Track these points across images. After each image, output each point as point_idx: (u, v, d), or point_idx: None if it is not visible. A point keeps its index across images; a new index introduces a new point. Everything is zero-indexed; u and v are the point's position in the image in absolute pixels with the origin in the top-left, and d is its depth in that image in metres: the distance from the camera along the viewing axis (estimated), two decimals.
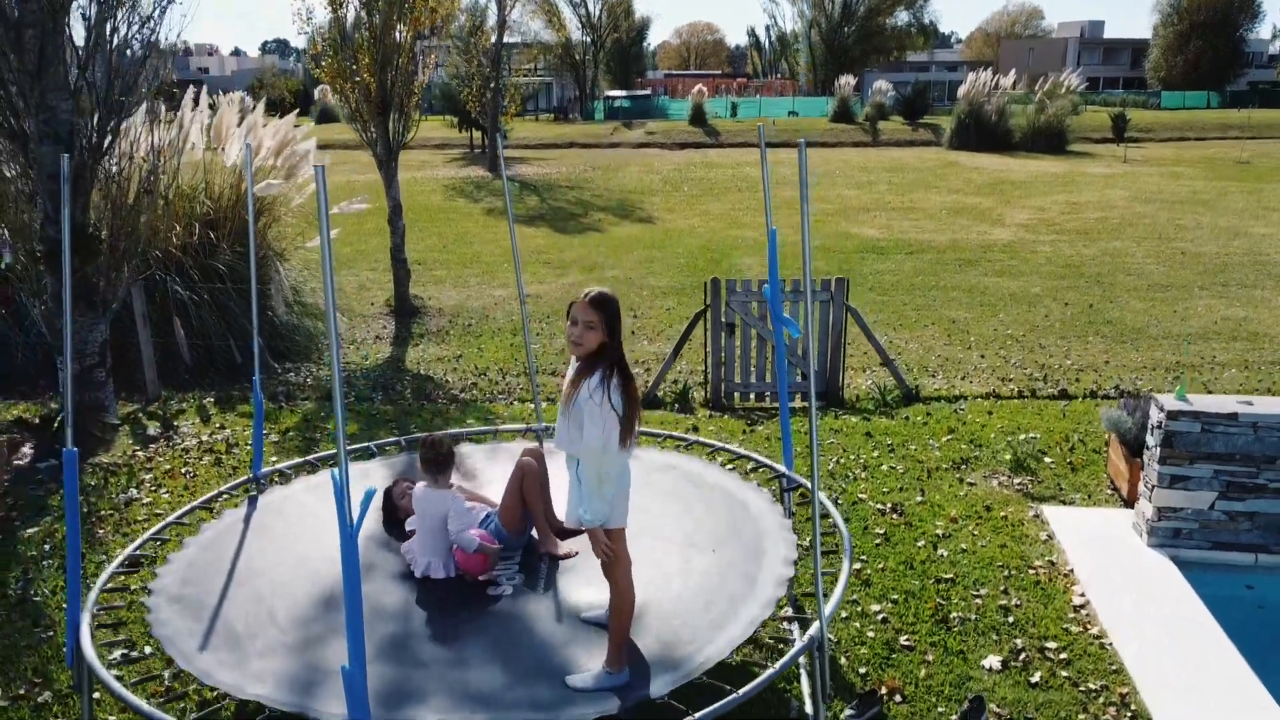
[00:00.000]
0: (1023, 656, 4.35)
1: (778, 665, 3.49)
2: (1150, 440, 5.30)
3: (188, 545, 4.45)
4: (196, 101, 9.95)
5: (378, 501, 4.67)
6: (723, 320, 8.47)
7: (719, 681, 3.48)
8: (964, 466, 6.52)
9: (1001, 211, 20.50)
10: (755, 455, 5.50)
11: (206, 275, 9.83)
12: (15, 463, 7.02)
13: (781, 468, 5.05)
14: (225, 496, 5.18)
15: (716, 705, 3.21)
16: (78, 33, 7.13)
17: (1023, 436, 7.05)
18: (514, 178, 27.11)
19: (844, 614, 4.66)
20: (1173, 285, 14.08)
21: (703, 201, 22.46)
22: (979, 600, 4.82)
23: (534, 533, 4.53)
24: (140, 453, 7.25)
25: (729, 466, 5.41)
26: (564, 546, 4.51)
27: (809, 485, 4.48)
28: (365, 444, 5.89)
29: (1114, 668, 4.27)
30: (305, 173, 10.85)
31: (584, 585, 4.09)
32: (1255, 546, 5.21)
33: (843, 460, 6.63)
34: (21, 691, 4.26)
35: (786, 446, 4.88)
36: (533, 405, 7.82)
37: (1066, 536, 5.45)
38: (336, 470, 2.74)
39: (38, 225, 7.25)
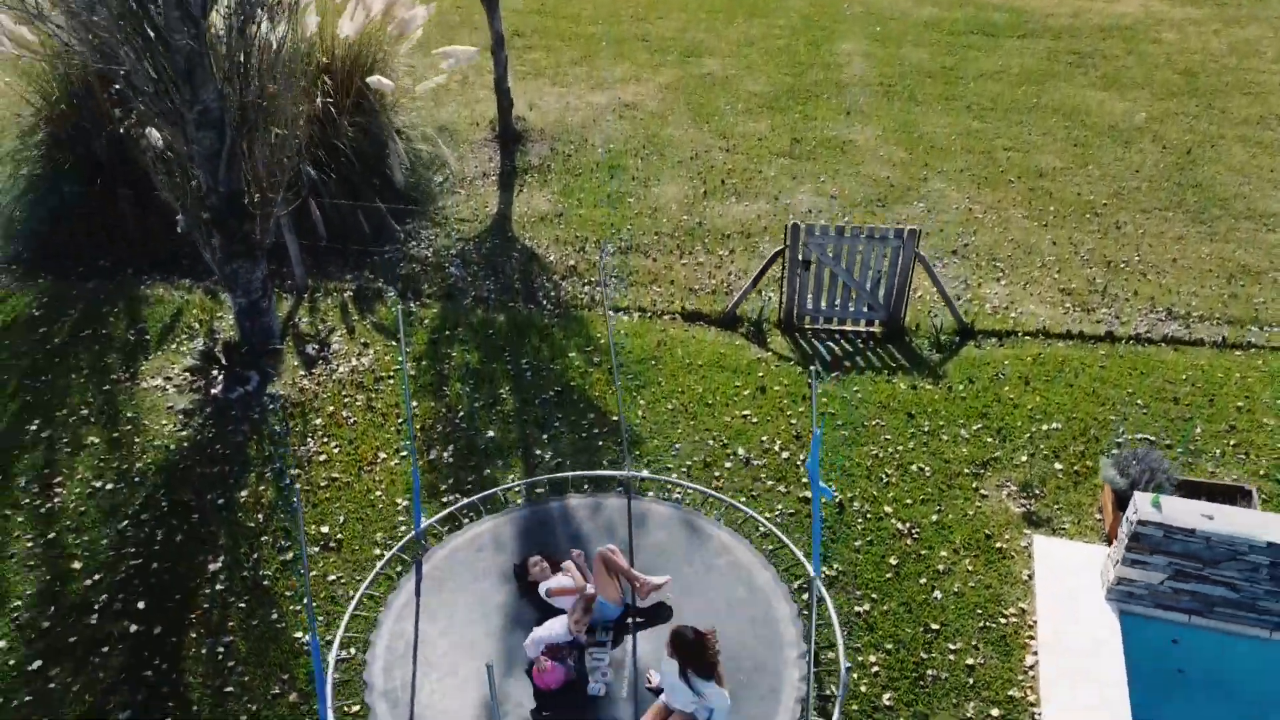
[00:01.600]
0: None
1: None
2: (1123, 529, 6.50)
3: (380, 624, 6.01)
4: None
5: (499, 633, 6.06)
6: (800, 258, 9.32)
7: None
8: (984, 471, 7.77)
9: None
10: (786, 541, 6.73)
11: (332, 154, 10.80)
12: (211, 392, 8.77)
13: (809, 567, 6.37)
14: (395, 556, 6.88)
15: None
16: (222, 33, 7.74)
17: (1045, 428, 8.15)
18: None
19: (849, 664, 6.32)
20: None
21: None
22: (953, 655, 6.41)
23: (631, 594, 6.09)
24: (306, 381, 8.89)
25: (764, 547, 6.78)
26: (656, 579, 6.08)
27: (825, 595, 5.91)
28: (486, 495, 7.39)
29: None
30: (413, 27, 11.30)
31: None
32: (1189, 610, 6.57)
33: (881, 456, 7.92)
34: (276, 690, 6.32)
35: (816, 548, 6.23)
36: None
37: (1044, 579, 6.85)
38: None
39: (202, 193, 8.36)
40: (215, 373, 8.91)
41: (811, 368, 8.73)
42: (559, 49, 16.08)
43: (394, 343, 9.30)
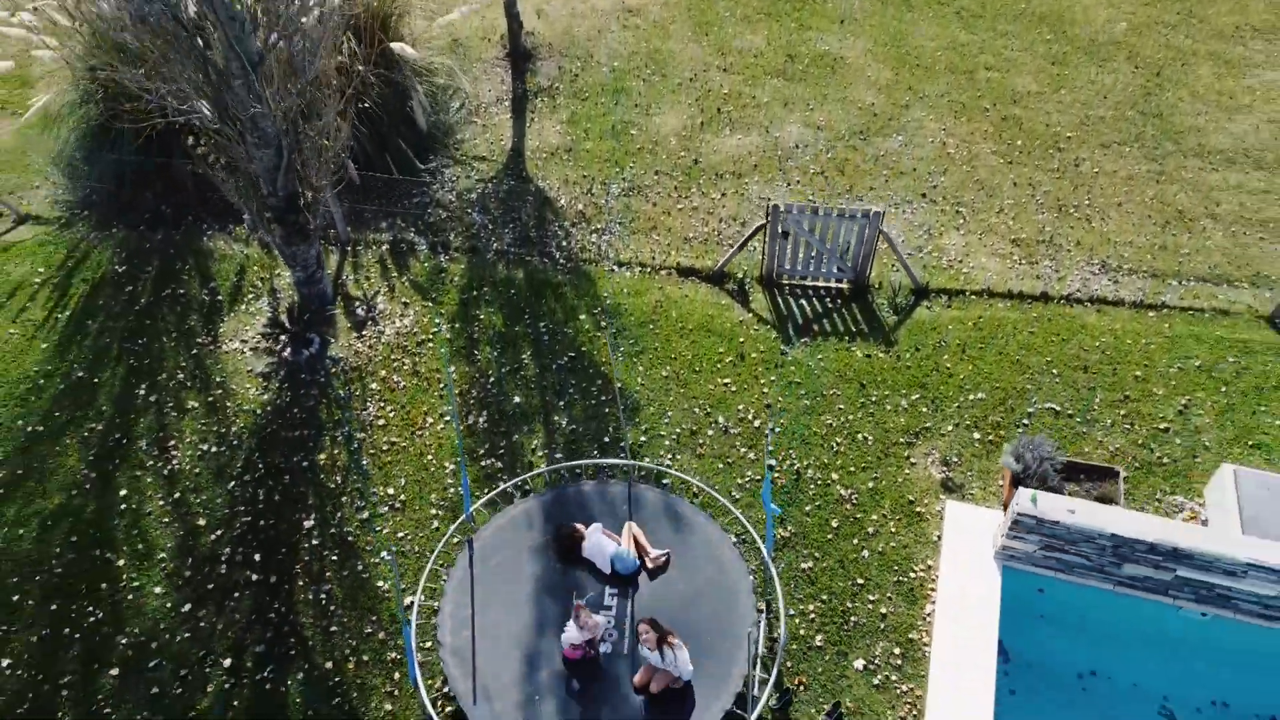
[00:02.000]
0: (876, 660, 8.23)
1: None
2: (1010, 512, 8.45)
3: (446, 592, 8.10)
4: None
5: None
6: (779, 230, 10.77)
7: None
8: (916, 440, 9.62)
9: None
10: (747, 525, 8.73)
11: (356, 101, 11.94)
12: (281, 354, 10.55)
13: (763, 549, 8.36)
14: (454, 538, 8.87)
15: None
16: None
17: (971, 398, 9.93)
18: None
19: (792, 611, 8.47)
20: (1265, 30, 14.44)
21: None
22: (871, 605, 8.55)
23: (644, 559, 8.16)
24: (359, 344, 10.63)
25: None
26: (657, 552, 8.14)
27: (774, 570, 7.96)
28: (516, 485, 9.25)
29: (922, 673, 8.15)
30: None
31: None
32: (1055, 569, 8.65)
33: (834, 425, 9.75)
34: (369, 629, 8.52)
35: (769, 536, 8.17)
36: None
37: (949, 540, 8.88)
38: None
39: (265, 194, 9.78)
40: (282, 336, 10.63)
41: (770, 428, 10.41)
42: None
43: (430, 302, 10.93)
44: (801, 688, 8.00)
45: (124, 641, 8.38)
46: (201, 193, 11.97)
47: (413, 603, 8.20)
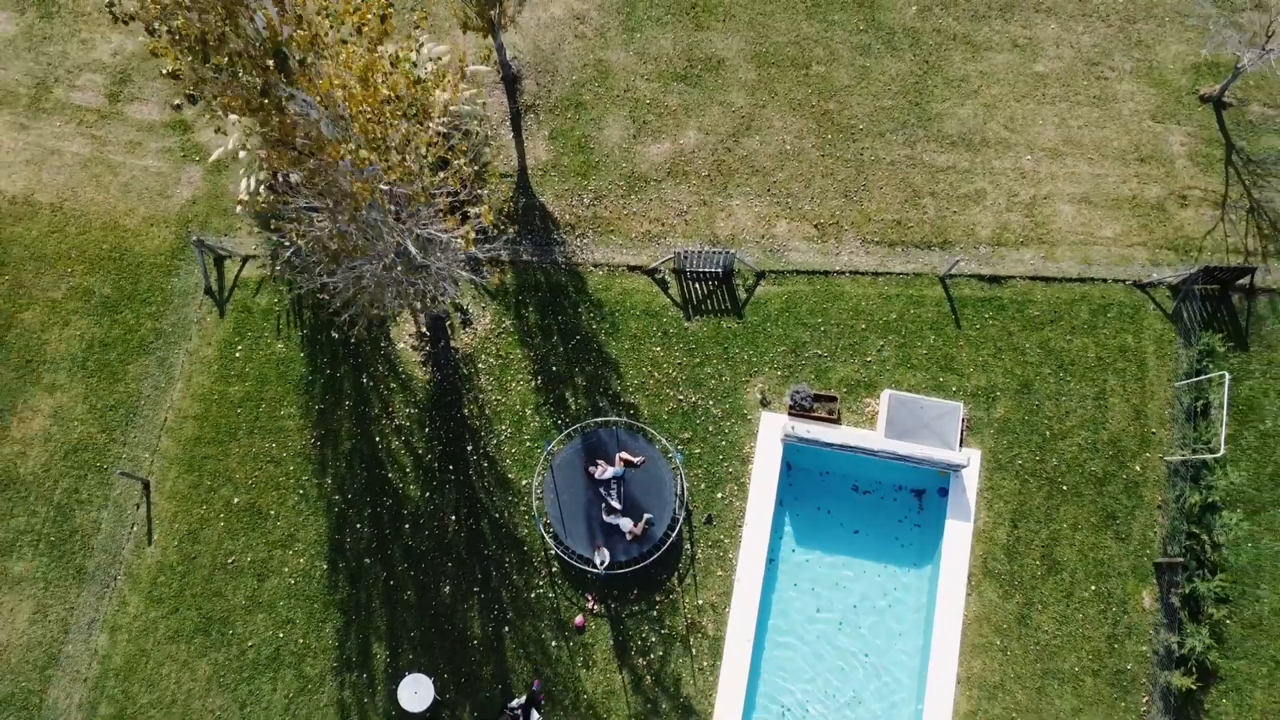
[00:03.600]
0: (729, 492, 19.63)
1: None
2: (786, 423, 19.35)
3: (543, 480, 19.11)
4: None
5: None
6: (680, 257, 20.10)
7: None
8: (750, 379, 20.09)
9: None
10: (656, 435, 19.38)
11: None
12: (427, 350, 20.44)
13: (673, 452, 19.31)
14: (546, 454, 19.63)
15: None
16: None
17: (783, 349, 20.17)
18: None
19: (688, 479, 19.70)
20: None
21: None
22: (725, 468, 19.74)
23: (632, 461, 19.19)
24: (466, 337, 20.43)
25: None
26: (638, 459, 19.15)
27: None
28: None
29: (747, 491, 19.68)
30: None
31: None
32: (803, 444, 19.80)
33: (710, 371, 20.11)
34: (507, 510, 19.83)
35: (679, 454, 19.00)
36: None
37: (762, 433, 19.83)
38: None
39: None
40: (425, 341, 20.37)
41: (674, 450, 20.29)
42: None
43: (497, 305, 20.43)
44: (710, 520, 19.54)
45: (405, 511, 19.63)
46: None
47: (530, 484, 19.39)
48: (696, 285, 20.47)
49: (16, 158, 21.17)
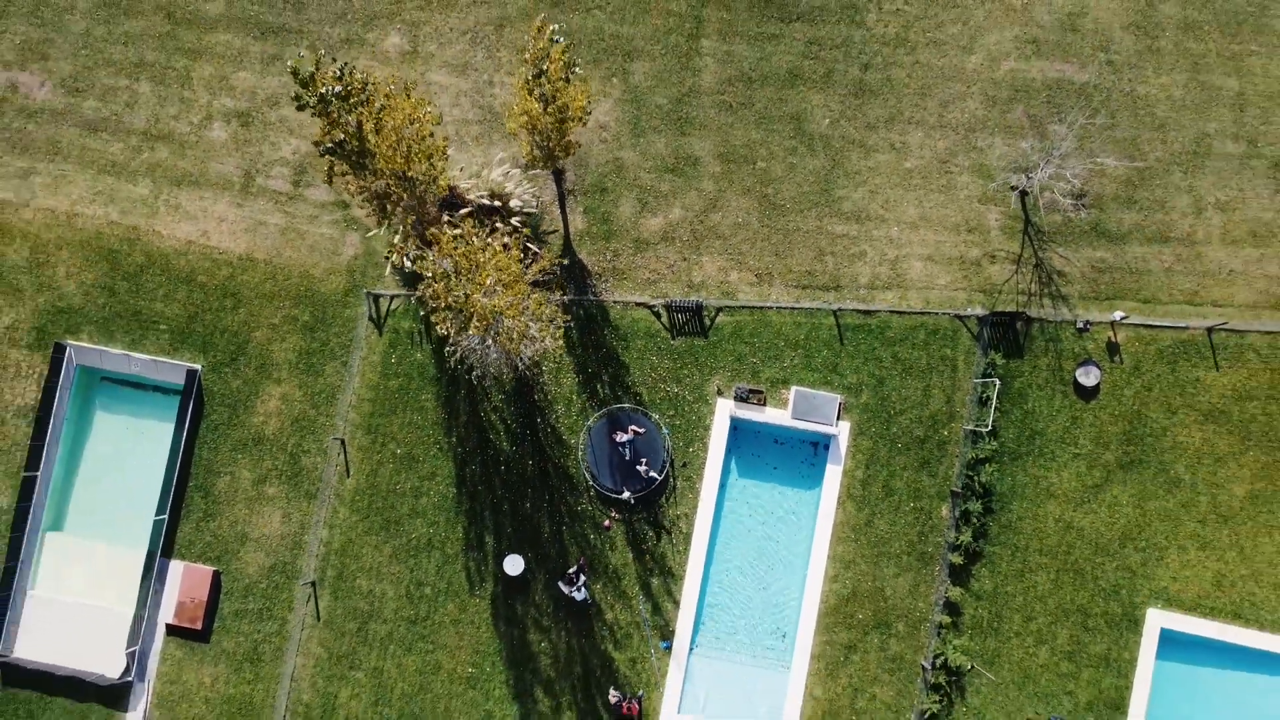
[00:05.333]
0: (692, 452, 32.39)
1: None
2: (731, 410, 31.88)
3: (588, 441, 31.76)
4: None
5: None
6: (673, 304, 32.24)
7: None
8: (712, 376, 32.44)
9: None
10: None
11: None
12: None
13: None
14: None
15: None
16: None
17: (732, 360, 32.48)
18: None
19: (670, 442, 32.39)
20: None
21: None
22: (695, 435, 32.43)
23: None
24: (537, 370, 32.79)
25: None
26: (639, 429, 31.79)
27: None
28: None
29: (707, 448, 32.43)
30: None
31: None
32: (748, 414, 32.41)
33: (685, 380, 32.50)
34: (562, 455, 32.66)
35: (666, 441, 31.60)
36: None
37: (718, 412, 32.37)
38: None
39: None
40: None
41: (664, 426, 32.60)
42: None
43: (556, 340, 32.52)
44: (685, 465, 32.38)
45: (501, 458, 32.53)
46: None
47: (576, 442, 32.19)
48: (678, 316, 32.47)
49: (238, 227, 32.77)
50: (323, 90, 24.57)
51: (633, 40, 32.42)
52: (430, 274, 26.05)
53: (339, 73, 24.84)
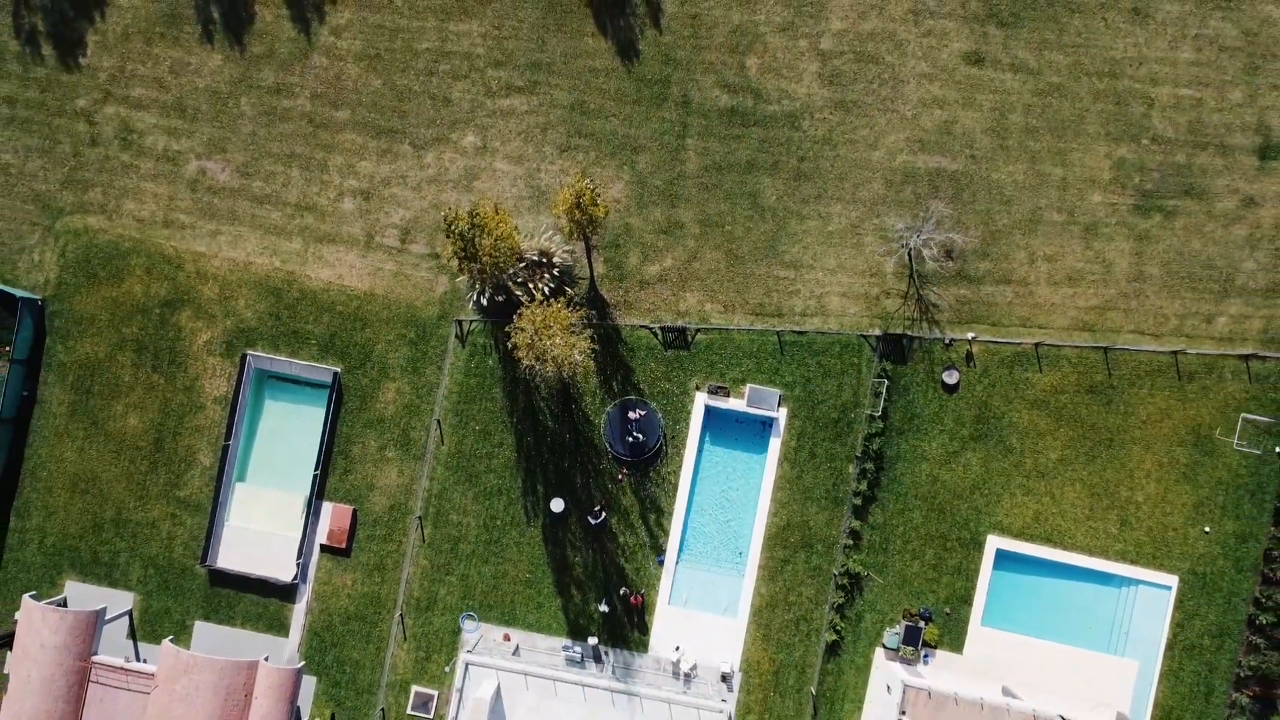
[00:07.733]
0: (678, 430, 47.11)
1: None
2: (710, 398, 46.56)
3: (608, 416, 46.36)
4: None
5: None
6: (666, 328, 46.87)
7: None
8: (693, 378, 47.08)
9: None
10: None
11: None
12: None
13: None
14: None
15: None
16: None
17: (717, 366, 47.09)
18: None
19: (660, 413, 47.10)
20: None
21: None
22: (677, 418, 47.14)
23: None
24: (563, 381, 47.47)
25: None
26: (643, 413, 46.47)
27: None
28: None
29: (688, 426, 47.16)
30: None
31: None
32: (720, 404, 47.13)
33: (678, 379, 47.13)
34: (588, 428, 47.50)
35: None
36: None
37: (695, 402, 47.02)
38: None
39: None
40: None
41: (660, 412, 47.29)
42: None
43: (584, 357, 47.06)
44: (673, 437, 47.17)
45: (547, 434, 47.36)
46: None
47: (599, 420, 47.00)
48: (669, 335, 47.00)
49: (362, 272, 47.24)
50: (461, 228, 39.01)
51: (638, 139, 46.33)
52: (516, 338, 40.75)
53: (468, 217, 39.13)
